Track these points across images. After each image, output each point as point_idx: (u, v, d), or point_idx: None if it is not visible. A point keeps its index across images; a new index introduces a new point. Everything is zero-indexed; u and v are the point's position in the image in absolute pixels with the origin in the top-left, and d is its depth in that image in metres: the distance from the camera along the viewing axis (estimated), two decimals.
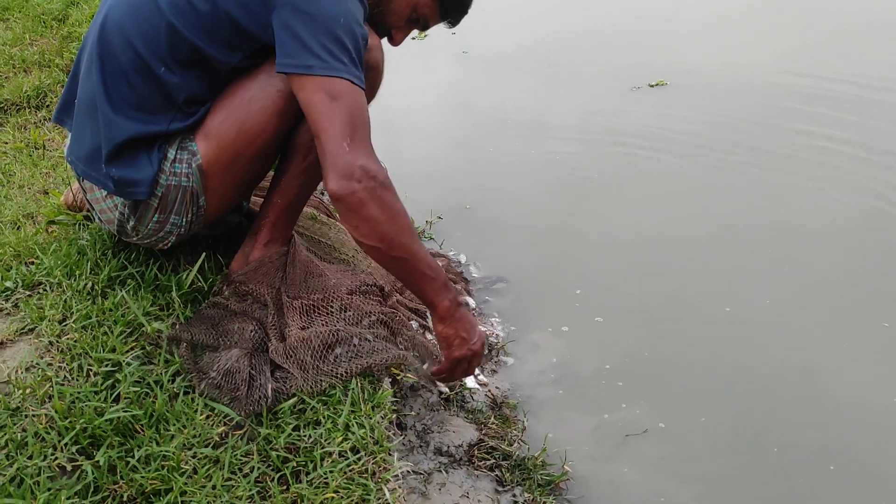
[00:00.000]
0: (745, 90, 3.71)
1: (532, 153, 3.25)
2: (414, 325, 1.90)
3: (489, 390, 1.90)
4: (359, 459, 1.43)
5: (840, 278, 2.34)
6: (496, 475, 1.63)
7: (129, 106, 1.55)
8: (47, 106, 3.17)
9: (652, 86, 3.84)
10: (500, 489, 1.60)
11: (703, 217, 2.71)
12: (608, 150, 3.23)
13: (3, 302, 1.70)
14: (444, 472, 1.59)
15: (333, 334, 1.63)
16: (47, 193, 2.33)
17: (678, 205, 2.80)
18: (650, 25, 4.76)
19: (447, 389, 1.83)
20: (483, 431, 1.74)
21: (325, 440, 1.46)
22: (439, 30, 1.85)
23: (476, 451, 1.67)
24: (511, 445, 1.72)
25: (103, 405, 1.43)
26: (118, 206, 1.64)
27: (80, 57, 1.68)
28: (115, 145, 1.55)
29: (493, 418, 1.79)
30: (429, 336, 1.90)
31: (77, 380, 1.50)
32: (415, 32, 1.83)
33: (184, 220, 1.66)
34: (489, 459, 1.66)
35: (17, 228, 2.08)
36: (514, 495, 1.59)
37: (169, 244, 1.73)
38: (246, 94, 1.58)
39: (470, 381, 1.89)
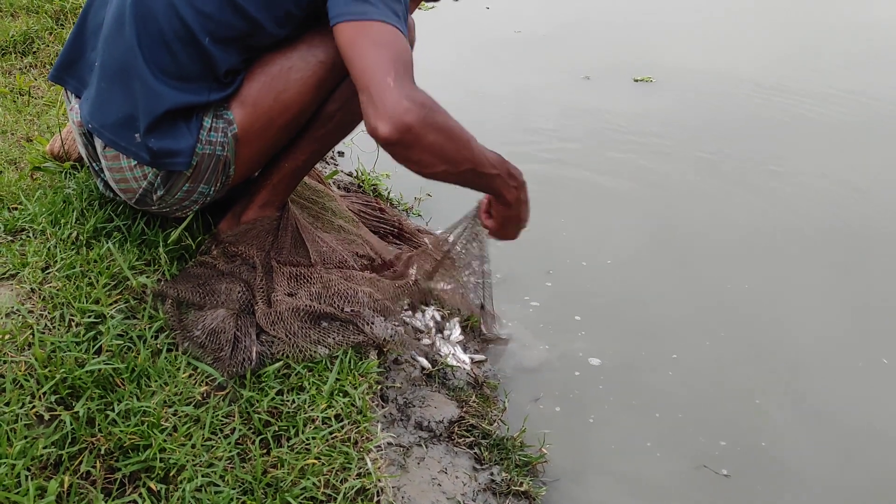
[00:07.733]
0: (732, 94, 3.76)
1: (516, 140, 3.25)
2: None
3: (471, 369, 1.90)
4: (342, 427, 1.42)
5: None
6: (475, 453, 1.63)
7: (169, 74, 1.50)
8: (34, 52, 3.08)
9: (637, 80, 3.84)
10: (478, 467, 1.60)
11: (686, 209, 2.76)
12: (591, 140, 3.27)
13: None
14: (423, 446, 1.59)
15: (323, 309, 1.61)
16: (31, 140, 2.27)
17: (663, 197, 2.85)
18: (645, 21, 4.78)
19: (429, 365, 1.82)
20: (464, 409, 1.73)
21: (309, 406, 1.45)
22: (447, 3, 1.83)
23: (456, 428, 1.67)
24: (491, 425, 1.72)
25: (84, 356, 1.41)
26: (148, 176, 1.58)
27: (87, 13, 1.61)
28: (157, 116, 1.50)
29: (474, 397, 1.79)
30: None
31: (58, 329, 1.47)
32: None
33: (212, 189, 1.63)
34: (468, 437, 1.66)
35: (0, 173, 2.03)
36: (492, 474, 1.59)
37: (189, 212, 1.70)
38: (286, 62, 1.57)
39: (452, 359, 1.89)
